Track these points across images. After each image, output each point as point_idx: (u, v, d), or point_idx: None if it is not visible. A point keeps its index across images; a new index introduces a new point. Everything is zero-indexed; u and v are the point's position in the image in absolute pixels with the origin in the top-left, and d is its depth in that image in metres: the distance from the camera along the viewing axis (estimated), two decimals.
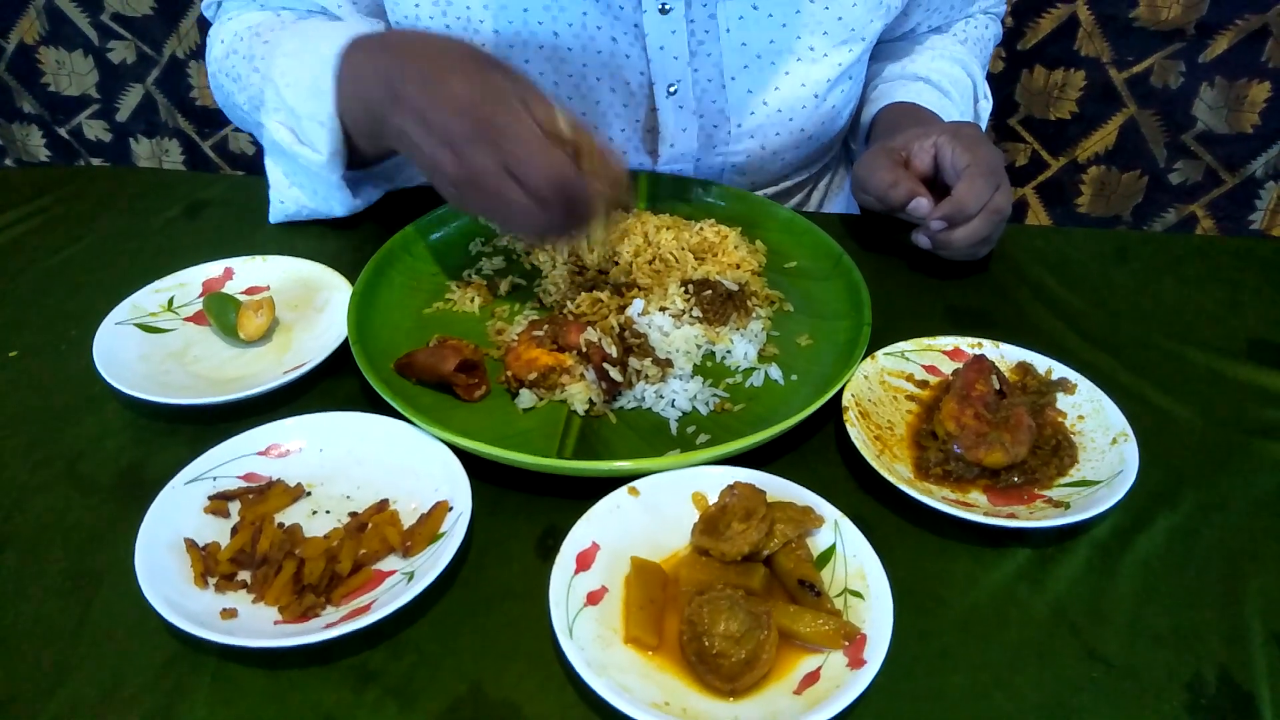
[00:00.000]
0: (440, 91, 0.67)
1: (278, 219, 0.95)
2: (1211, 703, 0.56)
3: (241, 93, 0.93)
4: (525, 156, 0.65)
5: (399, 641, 0.59)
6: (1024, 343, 0.79)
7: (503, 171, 0.66)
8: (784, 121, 0.98)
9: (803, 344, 0.82)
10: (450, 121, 0.67)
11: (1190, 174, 1.67)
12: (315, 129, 0.80)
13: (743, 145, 0.99)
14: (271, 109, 0.84)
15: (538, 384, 0.75)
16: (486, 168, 0.66)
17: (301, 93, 0.80)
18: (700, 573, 0.60)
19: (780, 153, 1.01)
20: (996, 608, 0.62)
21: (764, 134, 0.98)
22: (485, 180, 0.67)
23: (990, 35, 1.18)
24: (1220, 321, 0.88)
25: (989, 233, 0.87)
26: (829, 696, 0.53)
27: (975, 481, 0.69)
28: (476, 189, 0.68)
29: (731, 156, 1.00)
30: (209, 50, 0.99)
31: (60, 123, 1.94)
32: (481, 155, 0.66)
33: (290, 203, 0.92)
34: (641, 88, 0.94)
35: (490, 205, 0.69)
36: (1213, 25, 1.53)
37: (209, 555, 0.62)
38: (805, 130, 1.00)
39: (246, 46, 0.91)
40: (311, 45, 0.81)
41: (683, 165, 0.99)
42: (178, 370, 0.78)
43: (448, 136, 0.67)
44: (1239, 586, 0.63)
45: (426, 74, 0.68)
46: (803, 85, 0.97)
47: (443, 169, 0.69)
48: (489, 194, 0.67)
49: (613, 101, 0.94)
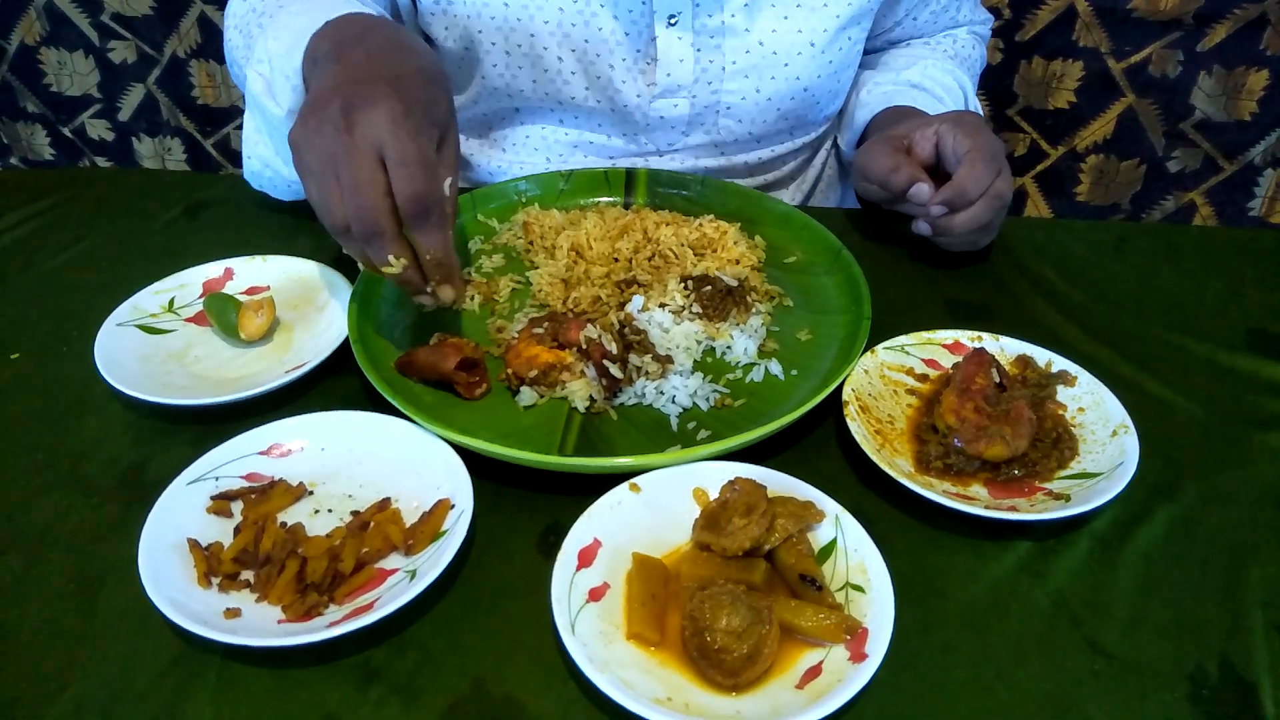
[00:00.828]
0: (322, 115, 0.68)
1: (248, 177, 0.96)
2: (1213, 693, 0.57)
3: (245, 47, 0.93)
4: (349, 185, 0.67)
5: (402, 639, 0.59)
6: (1024, 336, 0.79)
7: (334, 182, 0.68)
8: (779, 66, 0.99)
9: (803, 339, 0.82)
10: (315, 142, 0.69)
11: (1189, 162, 1.67)
12: (282, 83, 0.80)
13: (737, 85, 1.01)
14: (256, 59, 0.84)
15: (538, 381, 0.75)
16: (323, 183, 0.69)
17: (281, 47, 0.80)
18: (702, 568, 0.60)
19: (775, 100, 1.01)
20: (997, 600, 0.62)
21: (759, 75, 1.00)
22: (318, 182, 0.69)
23: (977, 56, 1.20)
24: (1220, 313, 0.88)
25: (990, 218, 0.87)
26: (831, 690, 0.53)
27: (976, 475, 0.69)
28: (315, 181, 0.70)
29: (726, 96, 1.01)
30: (231, 7, 1.00)
31: (63, 122, 1.94)
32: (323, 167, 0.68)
33: (256, 160, 0.92)
34: (644, 15, 0.96)
35: (317, 196, 0.70)
36: (1211, 14, 1.53)
37: (212, 555, 0.62)
38: (801, 80, 1.00)
39: (264, 4, 0.92)
40: (309, 11, 0.82)
41: (678, 98, 1.01)
42: (179, 371, 0.79)
43: (311, 164, 0.70)
44: (1240, 577, 0.63)
45: (334, 94, 0.69)
46: (800, 31, 0.98)
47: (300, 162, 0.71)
48: (320, 187, 0.69)
49: (615, 29, 0.96)
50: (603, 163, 1.07)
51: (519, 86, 1.01)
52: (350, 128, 0.66)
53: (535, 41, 0.97)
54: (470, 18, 0.97)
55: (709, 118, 1.03)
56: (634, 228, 0.92)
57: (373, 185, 0.66)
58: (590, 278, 0.87)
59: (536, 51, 0.98)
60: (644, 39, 0.97)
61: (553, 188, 1.01)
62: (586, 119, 1.05)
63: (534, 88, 1.01)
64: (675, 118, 1.02)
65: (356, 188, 0.66)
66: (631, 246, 0.90)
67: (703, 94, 1.01)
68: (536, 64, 0.99)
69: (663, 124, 1.03)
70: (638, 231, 0.91)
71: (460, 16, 0.98)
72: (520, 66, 0.99)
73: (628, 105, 1.01)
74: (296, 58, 0.79)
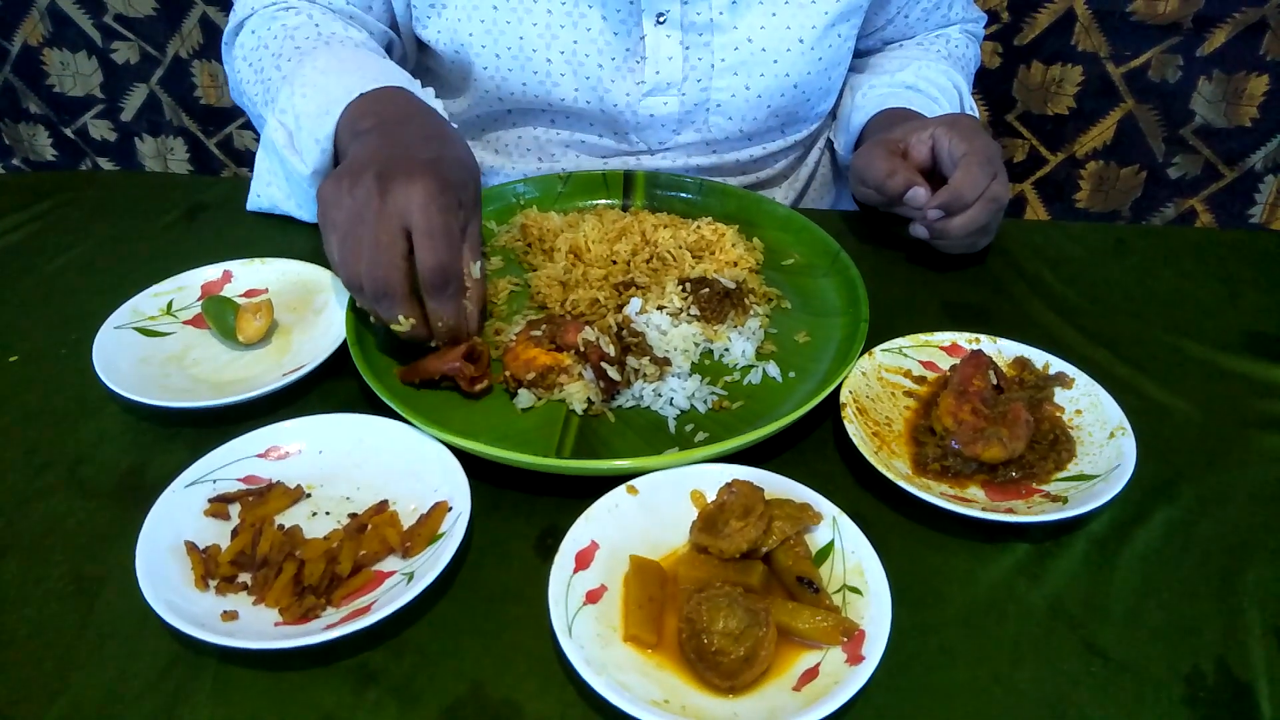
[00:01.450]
0: (358, 179, 0.72)
1: (252, 208, 1.00)
2: (1210, 695, 0.57)
3: (257, 84, 0.96)
4: (369, 243, 0.71)
5: (399, 642, 0.59)
6: (1021, 338, 0.79)
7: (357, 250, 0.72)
8: (769, 63, 0.99)
9: (800, 341, 0.82)
10: (342, 215, 0.73)
11: (1189, 168, 1.67)
12: (310, 143, 0.84)
13: (726, 82, 1.01)
14: (279, 109, 0.87)
15: (536, 384, 0.75)
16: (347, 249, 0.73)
17: (311, 107, 0.84)
18: (699, 570, 0.60)
19: (765, 97, 1.02)
20: (995, 602, 0.62)
21: (748, 72, 1.00)
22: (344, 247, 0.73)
23: (971, 55, 1.20)
24: (1217, 315, 0.88)
25: (986, 221, 0.87)
26: (828, 693, 0.53)
27: (973, 477, 0.69)
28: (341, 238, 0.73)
29: (715, 93, 1.01)
30: (235, 31, 1.02)
31: (66, 123, 1.94)
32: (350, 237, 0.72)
33: (265, 198, 0.98)
34: (632, 14, 0.97)
35: (338, 251, 0.74)
36: (1210, 19, 1.53)
37: (209, 558, 0.62)
38: (790, 77, 1.01)
39: (278, 45, 0.94)
40: (340, 73, 0.86)
41: (667, 96, 1.01)
42: (177, 373, 0.79)
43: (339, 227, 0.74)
44: (1237, 579, 0.63)
45: (373, 163, 0.73)
46: (788, 28, 0.98)
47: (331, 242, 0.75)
48: (341, 242, 0.73)
49: (604, 28, 0.97)
50: (595, 163, 1.08)
51: (509, 89, 1.01)
52: (384, 194, 0.70)
53: (524, 44, 0.97)
54: (461, 21, 0.98)
55: (699, 115, 1.03)
56: (632, 230, 0.92)
57: (392, 247, 0.70)
58: (588, 280, 0.87)
59: (526, 54, 0.98)
60: (633, 37, 0.98)
61: (551, 190, 1.01)
62: (577, 119, 1.05)
63: (524, 90, 1.01)
64: (665, 116, 1.02)
65: (377, 247, 0.70)
66: (630, 249, 0.90)
67: (692, 91, 1.01)
68: (526, 66, 0.99)
69: (653, 122, 1.03)
70: (636, 234, 0.91)
71: (451, 20, 0.98)
72: (510, 69, 1.00)
73: (617, 104, 1.01)
74: (329, 124, 0.82)
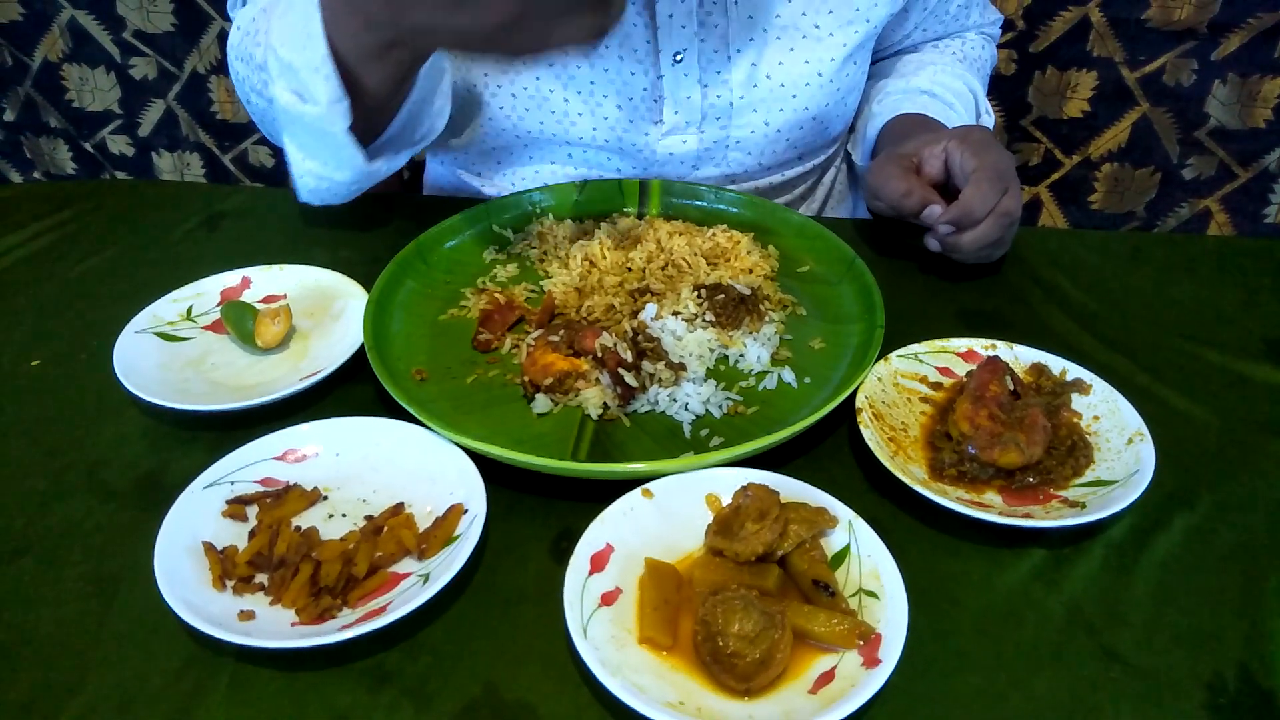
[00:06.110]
0: None
1: (305, 198, 0.93)
2: (1231, 702, 0.56)
3: (255, 74, 0.92)
4: None
5: (414, 643, 0.59)
6: (1038, 344, 0.79)
7: None
8: (787, 98, 0.99)
9: (816, 347, 0.82)
10: None
11: (1203, 169, 1.67)
12: (313, 78, 0.78)
13: (745, 119, 1.00)
14: (275, 75, 0.82)
15: (553, 389, 0.75)
16: None
17: (294, 44, 0.78)
18: (714, 573, 0.60)
19: (784, 131, 1.01)
20: (1012, 608, 0.61)
21: (767, 109, 0.99)
22: None
23: (987, 56, 1.19)
24: (1236, 322, 0.87)
25: (998, 235, 0.87)
26: (844, 696, 0.52)
27: (990, 482, 0.69)
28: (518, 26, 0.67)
29: (735, 130, 1.01)
30: (230, 40, 1.00)
31: (85, 137, 1.97)
32: None
33: (310, 176, 0.90)
34: (649, 55, 0.96)
35: (530, 28, 0.68)
36: (1225, 24, 1.53)
37: (227, 558, 0.62)
38: (809, 110, 1.00)
39: (253, 25, 0.92)
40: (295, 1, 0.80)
41: (686, 135, 1.00)
42: (196, 378, 0.79)
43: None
44: (1258, 585, 0.63)
45: None
46: (806, 63, 0.98)
47: (485, 21, 0.68)
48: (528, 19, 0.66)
49: (620, 69, 0.96)
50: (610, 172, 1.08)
51: (526, 127, 1.01)
52: None
53: (540, 84, 0.97)
54: (475, 60, 0.97)
55: (718, 152, 1.03)
56: (647, 237, 0.92)
57: None
58: (604, 286, 0.87)
59: (543, 94, 0.98)
60: (650, 77, 0.97)
61: (567, 198, 1.02)
62: (595, 155, 1.05)
63: (541, 129, 1.01)
64: (684, 154, 1.02)
65: None
66: (645, 256, 0.90)
67: (711, 130, 1.01)
68: (543, 106, 0.99)
69: (672, 159, 1.03)
70: (651, 241, 0.92)
71: (464, 59, 0.97)
72: (527, 109, 0.99)
73: (636, 144, 1.01)
74: (319, 47, 0.76)
